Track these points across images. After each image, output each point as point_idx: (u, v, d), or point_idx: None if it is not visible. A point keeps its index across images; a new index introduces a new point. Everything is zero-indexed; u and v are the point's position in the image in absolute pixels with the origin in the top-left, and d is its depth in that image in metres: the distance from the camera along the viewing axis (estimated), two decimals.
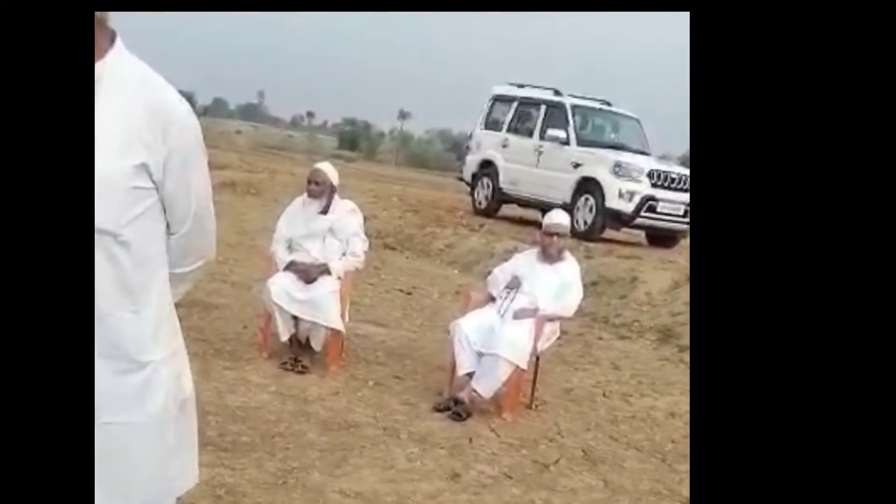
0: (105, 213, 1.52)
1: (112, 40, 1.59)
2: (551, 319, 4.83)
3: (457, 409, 4.48)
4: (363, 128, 56.57)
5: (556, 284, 4.86)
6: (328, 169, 5.23)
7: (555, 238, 4.91)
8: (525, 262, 5.08)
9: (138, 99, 1.56)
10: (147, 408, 1.65)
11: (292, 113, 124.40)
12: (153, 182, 1.58)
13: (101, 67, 1.55)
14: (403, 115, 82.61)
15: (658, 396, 5.41)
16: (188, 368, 1.80)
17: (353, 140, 52.11)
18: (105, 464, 1.59)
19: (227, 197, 13.48)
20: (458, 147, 31.86)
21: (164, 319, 1.69)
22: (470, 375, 4.60)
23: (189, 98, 1.68)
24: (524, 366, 4.63)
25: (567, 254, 5.04)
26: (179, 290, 1.80)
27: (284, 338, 4.96)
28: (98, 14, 1.53)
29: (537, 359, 4.88)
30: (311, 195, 5.13)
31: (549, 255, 4.92)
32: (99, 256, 1.54)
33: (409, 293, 8.01)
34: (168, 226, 1.68)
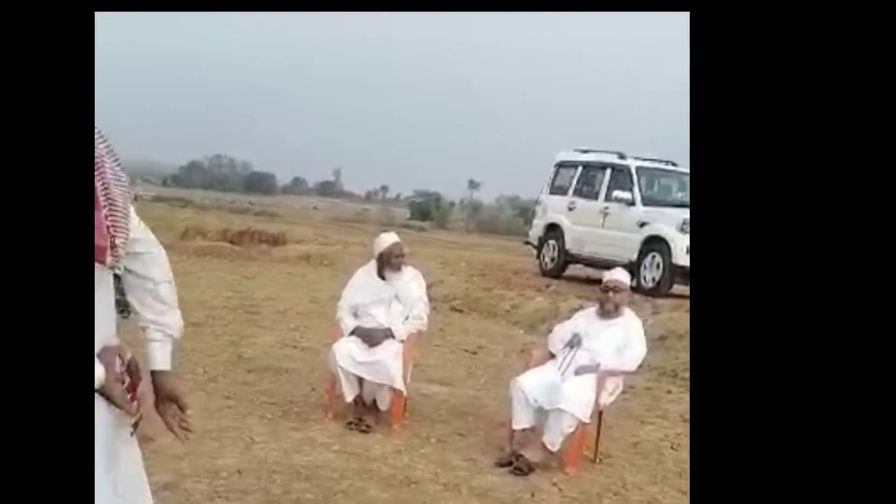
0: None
1: None
2: (613, 374, 4.83)
3: (518, 464, 4.49)
4: (434, 199, 57.47)
5: (617, 340, 4.88)
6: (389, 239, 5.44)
7: (611, 294, 4.95)
8: (585, 319, 5.12)
9: None
10: None
11: (367, 188, 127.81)
12: None
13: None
14: (474, 185, 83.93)
15: None
16: None
17: (425, 210, 52.96)
18: None
19: (301, 268, 13.91)
20: (527, 212, 32.02)
21: None
22: (525, 431, 4.63)
23: (269, 178, 1.77)
24: (587, 420, 4.62)
25: (627, 310, 5.06)
26: None
27: (349, 399, 5.09)
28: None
29: (601, 413, 4.86)
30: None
31: (607, 311, 4.96)
32: None
33: (475, 353, 8.06)
34: None
